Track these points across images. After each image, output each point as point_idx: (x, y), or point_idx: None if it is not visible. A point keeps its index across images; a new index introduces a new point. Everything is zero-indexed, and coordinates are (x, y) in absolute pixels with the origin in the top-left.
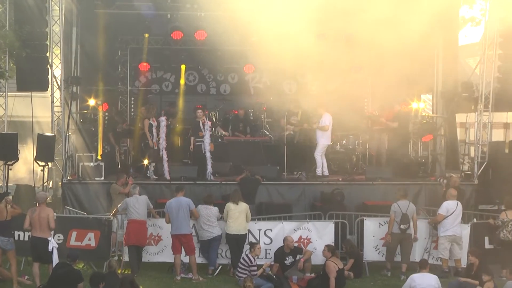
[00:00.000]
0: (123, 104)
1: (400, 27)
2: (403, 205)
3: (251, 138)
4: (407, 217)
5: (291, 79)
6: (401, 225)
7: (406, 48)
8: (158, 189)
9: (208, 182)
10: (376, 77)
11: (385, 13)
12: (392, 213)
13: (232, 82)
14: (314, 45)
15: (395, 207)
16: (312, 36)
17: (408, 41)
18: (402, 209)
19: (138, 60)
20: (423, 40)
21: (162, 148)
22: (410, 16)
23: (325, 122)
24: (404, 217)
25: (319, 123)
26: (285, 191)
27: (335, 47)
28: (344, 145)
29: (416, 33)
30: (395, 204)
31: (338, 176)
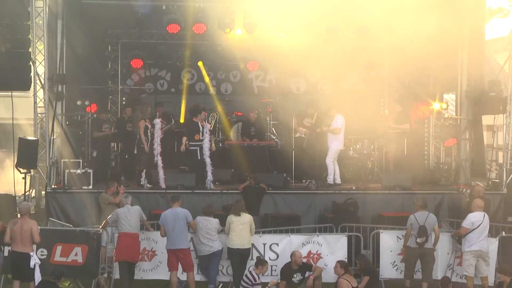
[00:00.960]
0: (113, 104)
1: (419, 19)
2: (421, 217)
3: (255, 143)
4: (424, 230)
5: (299, 77)
6: (418, 239)
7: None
8: (152, 198)
9: (208, 191)
10: (393, 74)
11: (402, 3)
12: (408, 225)
13: (234, 81)
14: (325, 40)
15: (412, 219)
16: (322, 30)
17: (429, 35)
18: (419, 221)
19: (130, 56)
20: (445, 33)
21: (156, 153)
22: (431, 6)
23: (337, 124)
24: (422, 229)
25: (331, 125)
26: (292, 201)
27: (348, 42)
28: (358, 150)
29: (437, 26)
30: (412, 215)
31: (351, 184)
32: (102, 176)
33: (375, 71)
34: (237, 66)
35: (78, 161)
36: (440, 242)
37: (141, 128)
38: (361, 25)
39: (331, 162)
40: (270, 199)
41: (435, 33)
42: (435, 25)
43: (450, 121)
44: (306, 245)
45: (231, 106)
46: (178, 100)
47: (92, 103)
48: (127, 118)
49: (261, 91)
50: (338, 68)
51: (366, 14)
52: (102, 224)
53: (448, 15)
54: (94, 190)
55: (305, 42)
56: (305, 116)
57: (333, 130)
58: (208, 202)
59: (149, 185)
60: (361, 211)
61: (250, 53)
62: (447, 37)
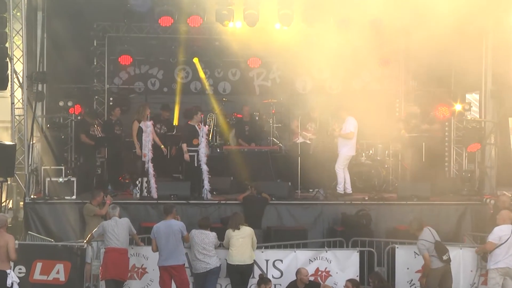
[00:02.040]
0: (99, 105)
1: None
2: (428, 236)
3: (256, 148)
4: (441, 244)
5: (305, 76)
6: (443, 256)
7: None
8: (143, 210)
9: (204, 201)
10: (410, 72)
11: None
12: (423, 251)
13: (233, 79)
14: (334, 34)
15: (423, 244)
16: (331, 22)
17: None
18: (430, 239)
19: (118, 52)
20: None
21: (147, 160)
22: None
23: (349, 128)
24: (439, 246)
25: (342, 129)
26: (298, 212)
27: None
28: (371, 156)
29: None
30: (420, 241)
31: (363, 194)
32: (87, 185)
33: (389, 68)
34: (236, 63)
35: (60, 169)
36: (463, 258)
37: (134, 131)
38: (374, 17)
39: (341, 169)
40: (274, 210)
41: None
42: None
43: (474, 123)
44: (313, 262)
45: (230, 107)
46: (171, 100)
47: (76, 104)
48: (115, 120)
49: (263, 90)
50: (349, 65)
51: (379, 5)
52: (87, 238)
53: (470, 6)
54: (78, 200)
55: (312, 37)
56: (308, 120)
57: (346, 135)
58: (204, 214)
59: (139, 195)
60: (375, 224)
61: (251, 49)
62: (470, 29)
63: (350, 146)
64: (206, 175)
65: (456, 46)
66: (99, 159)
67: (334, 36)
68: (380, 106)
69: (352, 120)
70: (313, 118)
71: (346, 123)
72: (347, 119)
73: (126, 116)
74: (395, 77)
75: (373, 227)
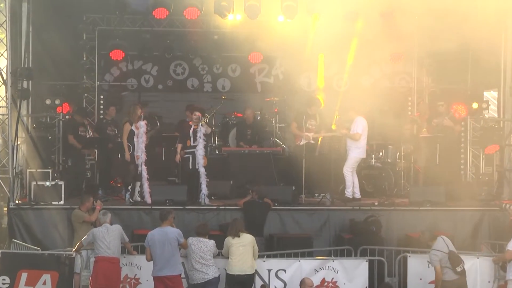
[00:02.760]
0: (89, 104)
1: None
2: (442, 245)
3: (258, 149)
4: (455, 254)
5: (311, 72)
6: (457, 268)
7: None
8: (136, 216)
9: (202, 207)
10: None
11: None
12: (436, 263)
13: (232, 76)
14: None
15: (436, 255)
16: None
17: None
18: (444, 249)
19: (109, 46)
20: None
21: (141, 162)
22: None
23: (358, 128)
24: (453, 256)
25: (350, 129)
26: (303, 219)
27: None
28: (381, 159)
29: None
30: (433, 251)
31: (373, 199)
32: (76, 190)
33: (401, 64)
34: (236, 58)
35: (47, 172)
36: (479, 268)
37: (125, 133)
38: (385, 8)
39: (349, 172)
40: (276, 216)
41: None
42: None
43: (492, 123)
44: (319, 272)
45: (230, 106)
46: (166, 98)
47: (64, 102)
48: (110, 119)
49: (265, 88)
50: (358, 60)
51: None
52: (76, 246)
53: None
54: (66, 206)
55: (318, 30)
56: (307, 118)
57: (352, 136)
58: (202, 220)
59: (132, 200)
60: (385, 231)
61: (252, 43)
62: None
63: (360, 148)
64: (204, 178)
65: (473, 41)
66: (88, 162)
67: (341, 29)
68: (391, 104)
69: (361, 120)
70: (312, 114)
71: (354, 123)
72: (356, 119)
73: (118, 115)
74: (408, 73)
75: (384, 234)
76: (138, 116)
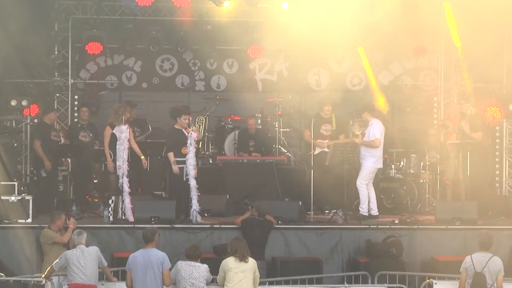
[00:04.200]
0: (61, 105)
1: None
2: (479, 260)
3: (259, 158)
4: (482, 278)
5: (320, 67)
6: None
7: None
8: (116, 236)
9: (193, 225)
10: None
11: None
12: (463, 270)
13: (229, 72)
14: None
15: (467, 262)
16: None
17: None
18: (476, 265)
19: (85, 38)
20: None
21: (122, 174)
22: None
23: (376, 133)
24: (478, 278)
25: (365, 135)
26: (311, 239)
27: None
28: (402, 169)
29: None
30: (469, 257)
31: (393, 216)
32: (46, 205)
33: (426, 58)
34: (233, 52)
35: (12, 185)
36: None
37: (106, 138)
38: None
39: (364, 185)
40: (280, 237)
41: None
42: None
43: None
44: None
45: (226, 108)
46: (152, 98)
47: (32, 104)
48: (85, 123)
49: (267, 86)
50: (375, 54)
51: None
52: (46, 272)
53: None
54: (35, 224)
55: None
56: (321, 122)
57: (371, 143)
58: (193, 241)
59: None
60: (407, 253)
61: (252, 34)
62: None
63: (376, 157)
64: (195, 192)
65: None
66: (61, 173)
67: (356, 18)
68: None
69: (379, 124)
70: (327, 118)
71: (370, 127)
72: (372, 122)
73: (95, 118)
74: (433, 69)
75: (405, 257)
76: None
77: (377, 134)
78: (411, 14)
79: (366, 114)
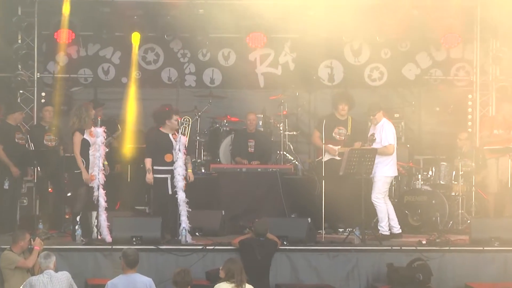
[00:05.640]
0: (26, 104)
1: None
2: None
3: (260, 167)
4: None
5: (333, 58)
6: None
7: None
8: (91, 259)
9: (182, 247)
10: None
11: None
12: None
13: (225, 65)
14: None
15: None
16: None
17: None
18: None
19: (54, 24)
20: None
21: (97, 185)
22: None
23: (389, 137)
24: None
25: (375, 140)
26: (323, 263)
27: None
28: (430, 180)
29: None
30: None
31: (419, 236)
32: (7, 223)
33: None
34: (230, 40)
35: None
36: None
37: (76, 145)
38: None
39: (381, 200)
40: (285, 260)
41: None
42: None
43: None
44: None
45: (221, 107)
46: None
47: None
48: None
49: (270, 81)
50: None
51: None
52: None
53: None
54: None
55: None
56: (334, 124)
57: (384, 150)
58: (182, 265)
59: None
60: (437, 280)
61: (252, 19)
62: None
63: (389, 164)
64: (185, 207)
65: None
66: (25, 184)
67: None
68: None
69: (390, 126)
70: (342, 120)
71: (382, 131)
72: (383, 124)
73: (66, 120)
74: (467, 61)
75: (434, 285)
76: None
77: (390, 139)
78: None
79: (375, 113)
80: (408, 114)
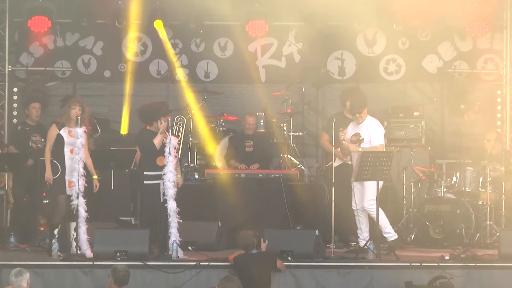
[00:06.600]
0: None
1: None
2: None
3: (261, 172)
4: None
5: (344, 49)
6: None
7: None
8: (69, 277)
9: (173, 263)
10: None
11: None
12: None
13: (221, 57)
14: None
15: None
16: None
17: None
18: None
19: (28, 10)
20: None
21: (76, 193)
22: None
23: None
24: None
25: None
26: (332, 281)
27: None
28: (454, 187)
29: None
30: None
31: (442, 250)
32: None
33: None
34: (227, 29)
35: None
36: None
37: (50, 140)
38: None
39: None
40: (290, 277)
41: None
42: None
43: None
44: None
45: (217, 104)
46: (117, 91)
47: None
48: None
49: (273, 75)
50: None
51: None
52: None
53: None
54: None
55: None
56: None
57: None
58: (173, 283)
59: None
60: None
61: (252, 5)
62: None
63: None
64: (175, 218)
65: None
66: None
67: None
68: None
69: (378, 124)
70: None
71: (369, 129)
72: (370, 121)
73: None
74: (496, 52)
75: None
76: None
77: (380, 138)
78: None
79: (362, 110)
80: (429, 113)
